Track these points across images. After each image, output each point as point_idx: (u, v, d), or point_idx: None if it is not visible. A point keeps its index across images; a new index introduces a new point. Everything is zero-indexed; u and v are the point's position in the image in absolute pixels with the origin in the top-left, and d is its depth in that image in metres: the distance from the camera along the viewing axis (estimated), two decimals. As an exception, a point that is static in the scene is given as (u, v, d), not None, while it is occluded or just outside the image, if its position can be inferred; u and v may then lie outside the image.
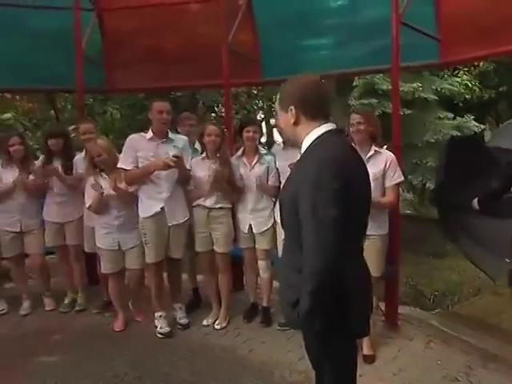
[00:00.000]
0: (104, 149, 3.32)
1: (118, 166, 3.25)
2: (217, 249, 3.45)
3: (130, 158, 3.22)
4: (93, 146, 3.36)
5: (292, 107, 1.48)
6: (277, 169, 3.44)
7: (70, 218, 3.92)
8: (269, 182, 3.43)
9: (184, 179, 3.34)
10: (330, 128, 1.49)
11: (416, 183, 7.56)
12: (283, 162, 3.27)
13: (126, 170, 3.23)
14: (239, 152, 3.45)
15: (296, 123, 1.49)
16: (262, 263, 3.56)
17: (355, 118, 2.90)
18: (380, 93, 7.02)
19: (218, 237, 3.40)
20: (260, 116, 10.88)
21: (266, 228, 3.45)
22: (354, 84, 7.47)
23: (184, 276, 3.87)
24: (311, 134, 1.48)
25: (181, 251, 3.46)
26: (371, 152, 2.86)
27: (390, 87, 5.96)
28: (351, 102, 7.29)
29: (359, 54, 4.23)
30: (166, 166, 3.12)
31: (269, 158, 3.45)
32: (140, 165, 3.22)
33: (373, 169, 2.65)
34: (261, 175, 3.39)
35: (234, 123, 4.79)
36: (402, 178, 2.96)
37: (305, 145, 1.49)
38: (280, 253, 3.09)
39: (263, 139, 10.85)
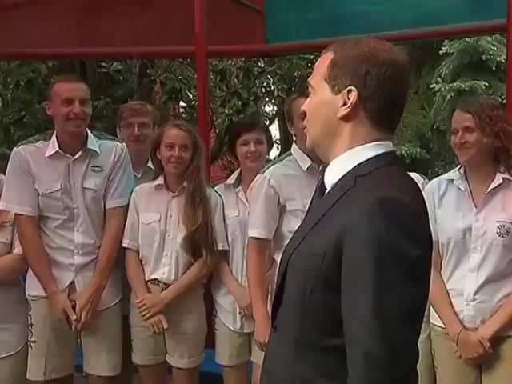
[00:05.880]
0: None
1: (2, 206, 3.08)
2: (175, 361, 3.20)
3: (24, 191, 3.07)
4: None
5: (352, 88, 1.39)
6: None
7: None
8: None
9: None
10: (387, 150, 1.43)
11: None
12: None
13: (17, 214, 3.06)
14: (232, 178, 3.33)
15: (348, 118, 1.41)
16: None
17: (461, 118, 2.69)
18: (493, 68, 6.80)
19: (181, 338, 3.17)
20: (268, 109, 10.89)
21: None
22: (442, 52, 7.36)
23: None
24: (358, 151, 1.42)
25: (109, 362, 3.19)
26: (496, 181, 2.66)
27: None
28: (436, 87, 7.09)
29: (451, 1, 4.31)
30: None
31: None
32: (41, 204, 3.07)
33: (497, 213, 2.56)
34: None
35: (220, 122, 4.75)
36: None
37: (339, 168, 1.44)
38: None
39: (273, 152, 10.52)
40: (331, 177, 1.48)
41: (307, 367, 1.43)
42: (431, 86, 7.34)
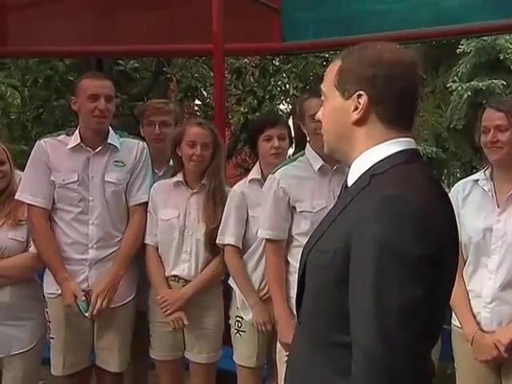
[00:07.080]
0: (7, 152, 3.15)
1: (17, 196, 3.06)
2: (193, 356, 3.20)
3: (39, 183, 3.07)
4: None
5: (362, 93, 1.40)
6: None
7: None
8: None
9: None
10: (406, 147, 1.42)
11: None
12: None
13: (29, 205, 3.06)
14: (257, 173, 3.20)
15: (360, 122, 1.42)
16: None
17: (493, 117, 2.65)
18: (510, 67, 7.03)
19: (201, 334, 3.16)
20: (282, 107, 10.53)
21: None
22: (459, 51, 7.30)
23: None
24: (374, 150, 1.42)
25: (119, 358, 3.21)
26: None
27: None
28: (453, 86, 7.06)
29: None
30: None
31: None
32: (57, 196, 3.07)
33: None
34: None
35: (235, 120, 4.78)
36: None
37: (358, 168, 1.44)
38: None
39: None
40: (352, 177, 1.49)
41: (321, 363, 1.44)
42: (448, 85, 7.27)
